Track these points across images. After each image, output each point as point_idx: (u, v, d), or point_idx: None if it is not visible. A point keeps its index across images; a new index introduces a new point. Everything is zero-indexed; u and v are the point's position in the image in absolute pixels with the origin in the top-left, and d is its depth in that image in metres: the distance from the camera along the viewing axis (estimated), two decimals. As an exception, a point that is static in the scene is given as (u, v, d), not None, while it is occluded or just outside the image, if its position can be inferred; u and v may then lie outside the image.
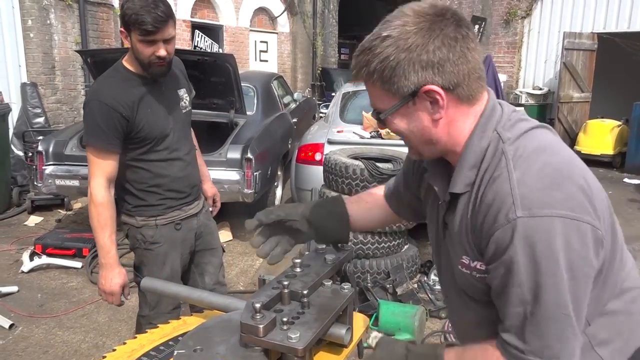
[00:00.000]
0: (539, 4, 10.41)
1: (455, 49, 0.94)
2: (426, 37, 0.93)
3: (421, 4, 0.99)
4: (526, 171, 0.92)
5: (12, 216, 5.62)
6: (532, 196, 0.88)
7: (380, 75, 0.97)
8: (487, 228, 0.94)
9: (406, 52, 0.93)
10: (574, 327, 0.90)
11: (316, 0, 12.99)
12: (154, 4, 1.88)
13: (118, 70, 2.08)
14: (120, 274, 2.06)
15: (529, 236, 0.87)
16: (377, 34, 0.97)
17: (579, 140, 9.17)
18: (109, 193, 2.04)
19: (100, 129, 1.97)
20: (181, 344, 1.24)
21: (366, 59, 0.98)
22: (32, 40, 6.67)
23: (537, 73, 10.60)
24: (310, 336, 1.16)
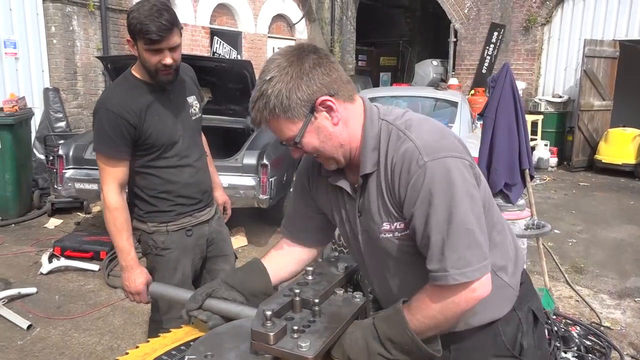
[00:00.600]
0: (560, 11, 10.30)
1: (323, 65, 1.18)
2: (299, 65, 1.16)
3: (283, 47, 1.25)
4: (419, 131, 1.20)
5: (32, 218, 5.72)
6: (430, 145, 1.17)
7: (280, 108, 1.16)
8: (404, 181, 1.18)
9: (292, 81, 1.15)
10: (479, 238, 1.14)
11: (334, 7, 13.03)
12: (158, 13, 1.89)
13: (127, 78, 2.11)
14: (142, 273, 2.10)
15: (436, 173, 1.14)
16: (261, 82, 1.18)
17: (599, 150, 9.02)
18: (122, 198, 2.07)
19: (108, 136, 2.00)
20: (192, 350, 1.25)
21: (263, 102, 1.17)
22: (55, 47, 6.81)
23: (557, 81, 10.46)
24: (321, 345, 1.15)
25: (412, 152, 1.16)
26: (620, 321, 3.70)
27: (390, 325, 1.18)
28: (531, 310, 1.38)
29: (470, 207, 1.14)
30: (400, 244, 1.27)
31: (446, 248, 1.13)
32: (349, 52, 14.29)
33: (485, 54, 11.01)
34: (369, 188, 1.27)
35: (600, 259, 4.93)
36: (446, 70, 12.29)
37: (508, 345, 1.33)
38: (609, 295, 4.14)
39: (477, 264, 1.13)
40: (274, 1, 11.50)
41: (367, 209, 1.29)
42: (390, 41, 18.10)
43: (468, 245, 1.13)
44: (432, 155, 1.14)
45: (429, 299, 1.17)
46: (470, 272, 1.12)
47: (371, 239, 1.33)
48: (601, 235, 5.61)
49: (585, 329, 3.35)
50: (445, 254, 1.13)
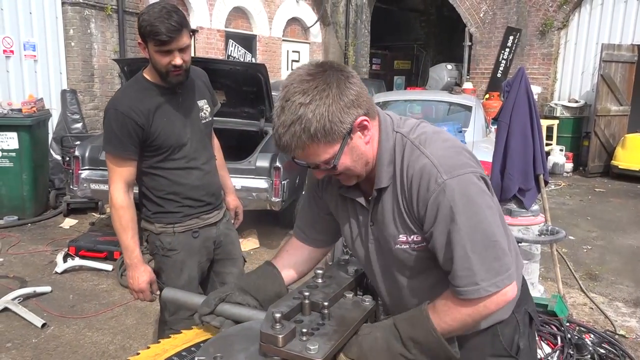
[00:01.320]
0: (577, 15, 10.19)
1: (353, 84, 1.17)
2: (337, 86, 1.14)
3: (302, 68, 1.18)
4: (434, 147, 1.20)
5: (48, 218, 5.81)
6: (447, 162, 1.18)
7: (322, 132, 1.13)
8: (423, 198, 1.18)
9: (334, 104, 1.12)
10: (504, 248, 1.17)
11: (349, 11, 13.05)
12: (167, 14, 1.92)
13: (138, 80, 2.14)
14: (146, 272, 2.13)
15: (456, 191, 1.15)
16: (295, 105, 1.11)
17: (616, 155, 8.90)
18: (129, 197, 2.10)
19: (116, 136, 2.04)
20: (202, 351, 1.26)
21: (301, 127, 1.12)
22: (73, 49, 6.92)
23: (573, 85, 10.35)
24: (329, 348, 1.16)
25: (430, 170, 1.17)
26: (636, 329, 3.65)
27: (414, 326, 1.19)
28: (527, 312, 1.42)
29: (492, 219, 1.17)
30: (417, 255, 1.28)
31: (474, 263, 1.14)
32: (363, 56, 14.30)
33: (500, 58, 10.94)
34: (383, 200, 1.28)
35: (616, 266, 4.86)
36: (461, 74, 12.23)
37: (506, 346, 1.37)
38: (624, 303, 4.07)
39: (506, 272, 1.16)
40: (289, 5, 11.56)
41: (380, 220, 1.30)
42: (405, 45, 18.07)
43: (495, 256, 1.16)
44: (450, 173, 1.16)
45: (459, 304, 1.19)
46: (500, 281, 1.16)
47: (383, 248, 1.34)
48: (617, 242, 5.53)
49: (599, 337, 3.30)
50: (473, 269, 1.14)
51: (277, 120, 1.14)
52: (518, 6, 10.62)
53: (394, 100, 6.73)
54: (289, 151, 1.17)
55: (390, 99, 6.73)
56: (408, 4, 17.24)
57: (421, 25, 17.90)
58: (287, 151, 1.18)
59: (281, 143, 1.16)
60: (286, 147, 1.16)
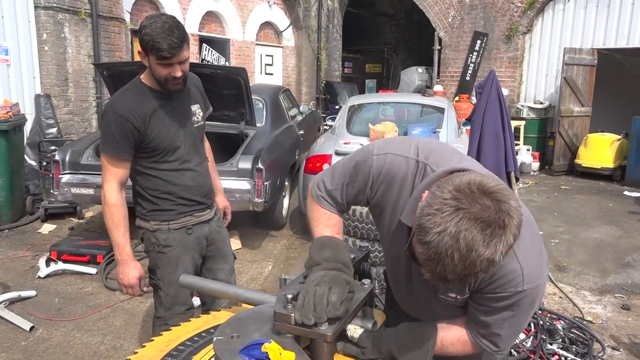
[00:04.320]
0: (540, 20, 10.62)
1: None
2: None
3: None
4: (526, 249, 1.23)
5: (25, 224, 5.74)
6: (533, 273, 1.24)
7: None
8: (493, 289, 1.26)
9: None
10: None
11: (321, 15, 13.23)
12: (169, 30, 2.01)
13: (135, 84, 2.23)
14: (136, 268, 2.21)
15: (526, 300, 1.26)
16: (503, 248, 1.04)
17: (579, 154, 9.31)
18: (121, 195, 2.19)
19: (114, 137, 2.12)
20: (219, 332, 1.36)
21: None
22: (46, 53, 6.85)
23: (538, 87, 10.77)
24: (338, 324, 1.28)
25: (517, 277, 1.23)
26: (602, 316, 3.89)
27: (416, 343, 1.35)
28: None
29: (530, 316, 1.36)
30: (455, 304, 1.40)
31: (501, 344, 1.36)
32: (335, 60, 14.50)
33: (468, 61, 11.29)
34: None
35: (582, 258, 5.13)
36: (431, 77, 12.55)
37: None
38: (591, 292, 4.33)
39: (513, 343, 1.40)
40: (262, 9, 11.66)
41: None
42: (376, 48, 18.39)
43: (515, 337, 1.43)
44: (530, 283, 1.24)
45: (464, 344, 1.39)
46: (506, 350, 1.39)
47: (425, 287, 1.42)
48: (582, 236, 5.83)
49: (569, 323, 3.53)
50: (500, 346, 1.36)
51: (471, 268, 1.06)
52: (484, 11, 11.00)
53: (368, 102, 6.88)
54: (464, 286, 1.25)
55: (364, 102, 6.87)
56: (378, 9, 17.55)
57: (391, 30, 18.24)
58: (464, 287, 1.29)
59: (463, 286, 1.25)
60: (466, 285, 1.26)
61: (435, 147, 1.40)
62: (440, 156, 1.35)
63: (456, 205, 1.02)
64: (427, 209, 1.06)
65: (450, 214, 1.02)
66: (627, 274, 4.72)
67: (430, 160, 1.34)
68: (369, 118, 6.17)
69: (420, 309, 1.54)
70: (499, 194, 1.03)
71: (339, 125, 6.02)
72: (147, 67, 2.19)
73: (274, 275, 4.57)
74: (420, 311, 1.54)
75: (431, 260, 1.05)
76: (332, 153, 5.22)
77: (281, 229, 5.83)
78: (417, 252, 1.10)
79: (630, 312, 3.95)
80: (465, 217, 1.01)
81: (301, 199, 5.44)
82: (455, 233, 1.00)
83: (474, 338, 1.37)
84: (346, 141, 5.53)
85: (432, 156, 1.35)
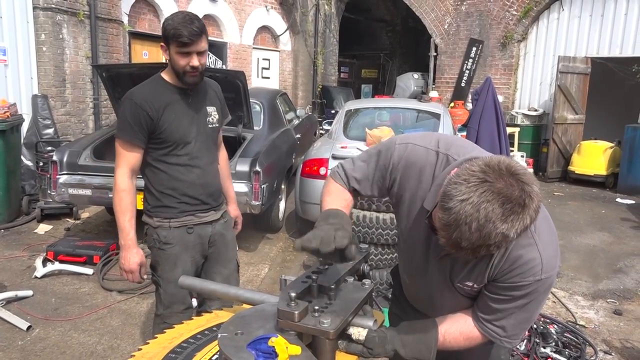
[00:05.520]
0: (535, 28, 10.74)
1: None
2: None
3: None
4: (545, 240, 1.29)
5: (21, 224, 5.74)
6: (550, 262, 1.29)
7: None
8: (511, 277, 1.30)
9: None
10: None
11: (318, 20, 13.30)
12: (190, 20, 2.14)
13: (155, 79, 2.33)
14: (138, 254, 2.26)
15: (542, 289, 1.31)
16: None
17: (573, 161, 9.40)
18: (131, 182, 2.25)
19: (128, 124, 2.21)
20: (223, 329, 1.39)
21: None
22: (44, 54, 6.86)
23: (532, 95, 10.88)
24: (339, 322, 1.32)
25: (536, 266, 1.27)
26: (594, 320, 3.94)
27: (419, 342, 1.40)
28: None
29: (541, 308, 1.42)
30: (470, 292, 1.44)
31: (510, 329, 1.38)
32: (332, 64, 14.56)
33: (464, 68, 11.39)
34: None
35: (575, 263, 5.19)
36: (426, 83, 12.64)
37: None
38: (583, 297, 4.38)
39: (523, 335, 1.43)
40: (259, 13, 11.71)
41: (454, 259, 1.38)
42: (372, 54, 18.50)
43: (526, 328, 1.44)
44: (547, 272, 1.29)
45: (469, 336, 1.43)
46: (516, 341, 1.42)
47: (441, 276, 1.46)
48: (575, 242, 5.89)
49: (562, 327, 3.58)
50: (507, 329, 1.38)
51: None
52: (480, 19, 11.11)
53: (365, 107, 6.92)
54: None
55: (360, 107, 6.91)
56: (375, 15, 17.65)
57: (387, 35, 18.34)
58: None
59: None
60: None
61: (456, 140, 1.47)
62: (461, 148, 1.41)
63: (483, 178, 1.07)
64: (455, 179, 1.11)
65: (476, 184, 1.07)
66: (619, 280, 4.78)
67: (451, 151, 1.39)
68: (366, 123, 6.21)
69: (431, 301, 1.57)
70: (524, 177, 1.09)
71: (335, 130, 6.06)
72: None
73: (271, 277, 4.60)
74: (431, 303, 1.57)
75: (449, 226, 1.10)
76: (329, 157, 5.26)
77: (277, 231, 5.86)
78: (437, 218, 1.15)
79: (622, 317, 4.01)
80: (489, 189, 1.06)
81: (297, 202, 5.47)
82: (477, 203, 1.05)
83: (480, 326, 1.41)
84: (343, 145, 5.57)
85: (453, 148, 1.40)
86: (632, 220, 6.90)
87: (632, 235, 6.22)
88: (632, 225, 6.65)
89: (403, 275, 1.70)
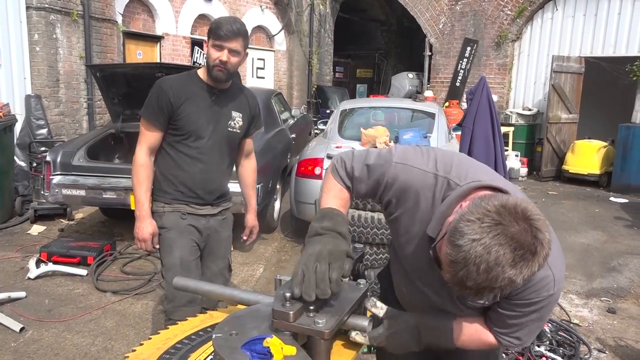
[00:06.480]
0: (529, 28, 10.78)
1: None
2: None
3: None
4: (555, 257, 1.25)
5: (15, 225, 5.70)
6: (560, 276, 1.32)
7: None
8: (525, 296, 1.30)
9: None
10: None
11: (313, 20, 13.29)
12: (233, 21, 2.29)
13: (190, 73, 2.44)
14: (151, 224, 2.38)
15: (551, 303, 1.33)
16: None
17: (566, 160, 9.44)
18: (149, 158, 2.38)
19: (152, 105, 2.34)
20: (218, 329, 1.38)
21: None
22: (37, 54, 6.82)
23: (526, 94, 10.92)
24: (335, 322, 1.31)
25: (549, 282, 1.28)
26: (588, 319, 3.96)
27: (437, 338, 1.42)
28: None
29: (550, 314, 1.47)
30: (478, 308, 1.43)
31: (525, 338, 1.40)
32: (327, 64, 14.57)
33: (459, 67, 11.42)
34: None
35: (569, 262, 5.20)
36: (421, 83, 12.66)
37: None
38: (577, 296, 4.40)
39: (533, 339, 1.44)
40: (254, 13, 11.70)
41: None
42: (367, 54, 18.52)
43: (534, 334, 1.45)
44: (559, 285, 1.31)
45: (484, 340, 1.43)
46: (527, 343, 1.45)
47: (448, 295, 1.45)
48: (569, 241, 5.91)
49: (556, 326, 3.59)
50: (523, 340, 1.41)
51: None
52: (475, 19, 11.14)
53: (360, 107, 6.92)
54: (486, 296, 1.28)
55: (355, 106, 6.91)
56: (369, 15, 17.68)
57: (382, 35, 18.37)
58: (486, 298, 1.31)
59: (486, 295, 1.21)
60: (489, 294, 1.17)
61: (454, 159, 1.43)
62: (462, 169, 1.37)
63: (498, 220, 1.06)
64: (468, 215, 1.09)
65: (489, 225, 1.05)
66: (613, 278, 4.80)
67: (452, 175, 1.36)
68: (361, 122, 6.21)
69: (431, 311, 1.56)
70: (538, 223, 1.08)
71: (330, 129, 6.06)
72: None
73: (266, 277, 4.59)
74: (431, 312, 1.57)
75: (457, 264, 1.08)
76: (324, 157, 5.26)
77: (272, 231, 5.85)
78: (444, 252, 1.13)
79: (615, 316, 4.02)
80: (502, 233, 1.05)
81: (292, 202, 5.46)
82: (488, 245, 1.04)
83: (497, 338, 1.42)
84: (338, 145, 5.57)
85: (454, 170, 1.37)
86: (625, 219, 6.94)
87: (625, 233, 6.25)
88: (626, 224, 6.69)
89: (399, 286, 1.68)
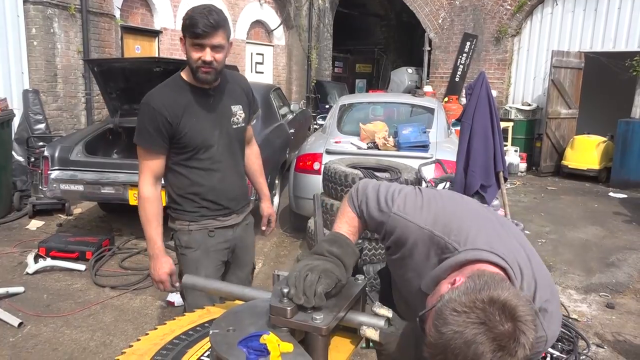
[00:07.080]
0: (529, 23, 10.74)
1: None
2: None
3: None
4: (551, 321, 1.31)
5: (13, 220, 5.69)
6: (552, 336, 1.32)
7: None
8: None
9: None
10: None
11: (312, 15, 13.25)
12: (207, 11, 1.99)
13: (174, 79, 2.19)
14: (167, 262, 2.17)
15: (540, 354, 1.36)
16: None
17: (566, 155, 9.44)
18: (155, 189, 2.15)
19: (147, 130, 2.09)
20: (215, 325, 1.38)
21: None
22: (35, 48, 6.79)
23: (526, 89, 10.89)
24: (332, 318, 1.31)
25: (541, 343, 1.29)
26: (587, 314, 3.96)
27: None
28: None
29: None
30: None
31: None
32: (326, 59, 14.53)
33: (458, 62, 11.39)
34: None
35: (568, 257, 5.21)
36: (421, 78, 12.63)
37: None
38: (576, 291, 4.41)
39: None
40: (253, 7, 11.65)
41: None
42: (366, 48, 18.47)
43: None
44: (548, 344, 1.33)
45: None
46: None
47: None
48: (568, 236, 5.92)
49: (554, 321, 3.59)
50: None
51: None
52: (474, 14, 11.10)
53: (359, 102, 6.91)
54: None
55: (354, 101, 6.90)
56: (369, 9, 17.62)
57: (381, 30, 18.33)
58: None
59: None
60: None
61: (455, 219, 1.40)
62: (462, 230, 1.36)
63: (484, 319, 1.06)
64: (455, 305, 1.09)
65: (474, 322, 1.06)
66: (612, 274, 4.80)
67: (451, 238, 1.35)
68: (360, 117, 6.20)
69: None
70: (524, 326, 1.08)
71: (329, 125, 6.04)
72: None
73: (264, 272, 4.59)
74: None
75: (436, 347, 1.09)
76: (323, 152, 5.25)
77: (271, 227, 5.83)
78: (428, 330, 1.15)
79: (614, 311, 4.03)
80: (485, 333, 1.06)
81: (291, 197, 5.45)
82: (469, 341, 1.05)
83: None
84: (337, 140, 5.56)
85: (453, 234, 1.35)
86: (624, 214, 6.94)
87: (624, 229, 6.26)
88: (625, 219, 6.69)
89: (399, 303, 1.69)
